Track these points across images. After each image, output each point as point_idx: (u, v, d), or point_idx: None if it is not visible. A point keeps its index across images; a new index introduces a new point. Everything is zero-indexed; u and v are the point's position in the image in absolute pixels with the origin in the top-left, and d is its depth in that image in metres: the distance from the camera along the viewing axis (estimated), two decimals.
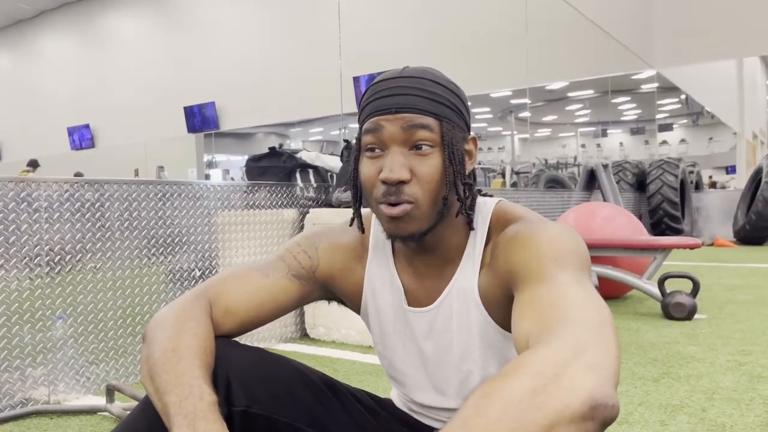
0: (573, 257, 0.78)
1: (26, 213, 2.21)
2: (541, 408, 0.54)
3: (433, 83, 0.86)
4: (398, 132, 0.84)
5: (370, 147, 0.86)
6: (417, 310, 0.94)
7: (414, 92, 0.85)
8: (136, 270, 2.58)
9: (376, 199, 0.85)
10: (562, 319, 0.66)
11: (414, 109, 0.84)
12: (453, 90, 0.89)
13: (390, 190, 0.83)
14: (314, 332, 3.18)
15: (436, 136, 0.84)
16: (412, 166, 0.83)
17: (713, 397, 2.13)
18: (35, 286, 2.24)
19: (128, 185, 2.56)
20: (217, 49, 11.44)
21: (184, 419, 0.69)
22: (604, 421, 0.56)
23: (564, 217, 4.27)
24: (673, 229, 8.48)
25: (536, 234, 0.81)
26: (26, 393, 2.19)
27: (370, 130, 0.85)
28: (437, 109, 0.85)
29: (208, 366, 0.80)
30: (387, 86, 0.86)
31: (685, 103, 15.04)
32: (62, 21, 14.20)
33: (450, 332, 0.92)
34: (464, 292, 0.90)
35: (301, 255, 0.99)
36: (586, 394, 0.55)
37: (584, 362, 0.58)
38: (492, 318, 0.89)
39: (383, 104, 0.85)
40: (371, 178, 0.86)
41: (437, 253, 0.92)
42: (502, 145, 16.12)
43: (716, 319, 3.43)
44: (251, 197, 3.12)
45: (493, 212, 0.92)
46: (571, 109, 15.70)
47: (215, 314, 0.90)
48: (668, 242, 3.65)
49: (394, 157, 0.83)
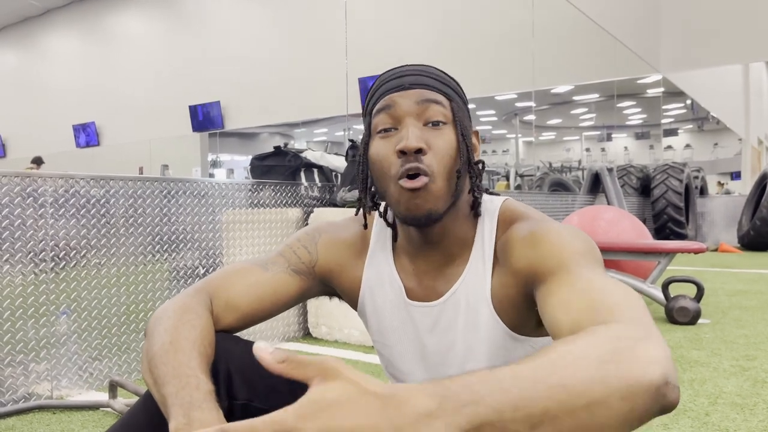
0: (593, 253, 0.79)
1: (32, 208, 2.22)
2: (621, 367, 0.51)
3: (438, 71, 0.91)
4: (413, 106, 0.85)
5: (383, 128, 0.86)
6: (421, 304, 0.93)
7: (423, 73, 0.88)
8: (140, 267, 2.58)
9: (394, 176, 0.84)
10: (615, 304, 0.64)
11: (426, 86, 0.86)
12: (456, 82, 0.93)
13: (408, 159, 0.82)
14: (317, 331, 3.18)
15: (448, 113, 0.86)
16: (427, 139, 0.84)
17: (717, 401, 2.12)
18: (40, 282, 2.24)
19: (133, 182, 2.57)
20: (223, 49, 11.46)
21: (180, 409, 0.69)
22: (669, 404, 0.54)
23: (568, 221, 4.26)
24: (678, 234, 8.46)
25: (553, 231, 0.82)
26: (29, 388, 2.19)
27: (383, 108, 0.86)
28: (445, 89, 0.88)
29: (207, 357, 0.80)
30: (395, 72, 0.89)
31: (690, 108, 15.00)
32: (69, 19, 14.24)
33: (455, 330, 0.91)
34: (474, 290, 0.90)
35: (300, 250, 0.99)
36: (662, 367, 0.52)
37: (654, 341, 0.56)
38: (502, 320, 0.88)
39: (395, 84, 0.87)
40: (387, 156, 0.85)
41: (441, 248, 0.91)
42: (506, 148, 16.11)
43: (720, 323, 3.42)
44: (256, 196, 3.12)
45: (500, 210, 0.92)
46: (576, 112, 15.69)
47: (216, 308, 0.90)
48: (672, 246, 3.64)
49: (410, 129, 0.83)
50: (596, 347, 0.53)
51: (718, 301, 4.17)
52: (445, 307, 0.92)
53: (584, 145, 16.94)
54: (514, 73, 9.11)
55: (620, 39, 8.97)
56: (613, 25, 8.87)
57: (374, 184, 0.91)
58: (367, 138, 0.89)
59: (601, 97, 13.00)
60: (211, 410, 0.70)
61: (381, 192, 0.90)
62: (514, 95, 11.56)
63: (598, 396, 0.49)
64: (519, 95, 11.40)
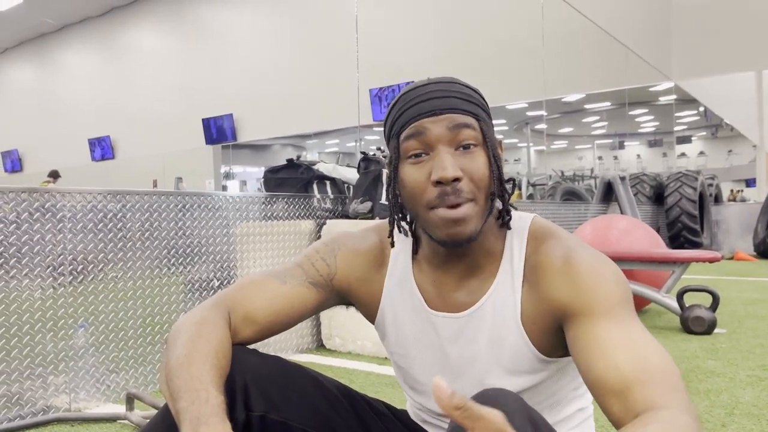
0: (627, 295, 0.82)
1: (51, 223, 2.26)
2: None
3: (463, 86, 0.89)
4: (444, 132, 0.84)
5: (414, 153, 0.86)
6: (445, 315, 0.93)
7: (450, 94, 0.86)
8: (156, 280, 2.61)
9: (428, 204, 0.84)
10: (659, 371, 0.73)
11: (456, 110, 0.85)
12: (480, 94, 0.91)
13: (446, 190, 0.82)
14: (330, 343, 3.19)
15: (478, 135, 0.86)
16: (462, 165, 0.84)
17: (733, 412, 2.11)
18: (58, 295, 2.28)
19: (149, 196, 2.60)
20: (236, 62, 11.59)
21: (189, 424, 0.71)
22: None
23: (581, 230, 4.25)
24: (692, 242, 8.39)
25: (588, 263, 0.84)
26: (48, 400, 2.22)
27: (413, 134, 0.85)
28: (474, 109, 0.87)
29: (220, 369, 0.81)
30: (421, 92, 0.87)
31: (703, 116, 14.91)
32: (84, 35, 14.46)
33: (479, 343, 0.91)
34: (503, 306, 0.90)
35: (319, 262, 1.00)
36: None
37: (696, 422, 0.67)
38: (530, 339, 0.88)
39: (424, 108, 0.85)
40: (420, 183, 0.85)
41: (467, 260, 0.91)
42: (518, 157, 16.09)
43: (736, 333, 3.39)
44: (269, 208, 3.15)
45: (531, 227, 0.93)
46: (588, 121, 15.65)
47: (234, 321, 0.92)
48: (687, 255, 3.62)
49: (443, 156, 0.83)
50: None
51: (733, 310, 4.13)
52: (471, 319, 0.91)
53: (596, 154, 16.88)
54: (525, 82, 9.11)
55: (631, 47, 8.95)
56: (624, 33, 8.85)
57: (404, 205, 0.91)
58: (396, 162, 0.88)
59: (613, 105, 12.97)
60: (217, 424, 0.71)
61: (412, 214, 0.90)
62: (525, 104, 11.56)
63: None
64: (530, 104, 11.40)
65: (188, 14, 12.56)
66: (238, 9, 11.81)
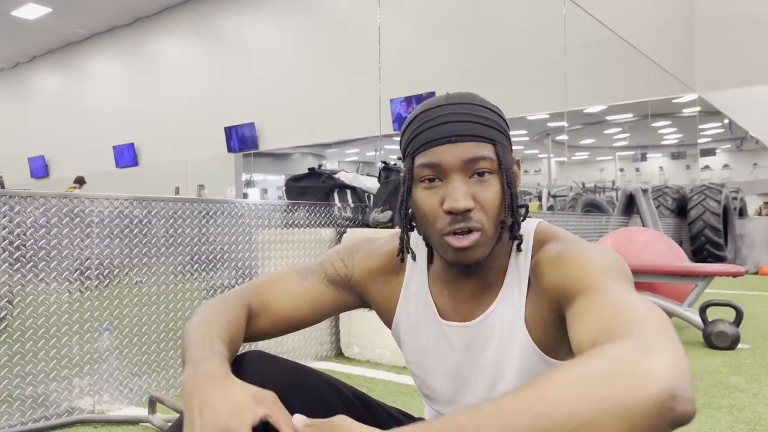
0: (620, 271, 0.79)
1: (79, 228, 2.31)
2: (614, 386, 0.52)
3: (482, 108, 0.87)
4: (458, 162, 0.83)
5: (427, 178, 0.86)
6: (455, 324, 0.95)
7: (467, 118, 0.85)
8: (179, 285, 2.65)
9: (441, 231, 0.85)
10: (630, 320, 0.63)
11: (471, 136, 0.84)
12: (499, 113, 0.89)
13: (456, 219, 0.83)
14: (349, 351, 3.21)
15: (494, 162, 0.85)
16: (474, 194, 0.84)
17: (756, 428, 2.08)
18: (84, 299, 2.32)
19: (173, 203, 2.65)
20: (258, 71, 11.71)
21: (191, 363, 0.76)
22: (681, 417, 0.53)
23: (602, 242, 4.23)
24: (716, 256, 8.27)
25: (582, 251, 0.82)
26: (72, 402, 2.26)
27: (427, 163, 0.85)
28: (491, 134, 0.86)
29: (230, 333, 0.87)
30: (437, 114, 0.86)
31: (728, 128, 14.70)
32: (110, 43, 14.73)
33: (488, 351, 0.92)
34: (509, 312, 0.91)
35: (338, 263, 1.03)
36: (665, 382, 0.52)
37: (662, 355, 0.55)
38: (534, 341, 0.89)
39: (438, 133, 0.85)
40: (433, 209, 0.85)
41: (477, 277, 0.93)
42: (538, 167, 16.00)
43: (760, 349, 3.33)
44: (290, 216, 3.18)
45: (534, 233, 0.93)
46: (610, 132, 15.52)
47: (254, 310, 0.97)
48: (710, 269, 3.57)
49: (456, 185, 0.83)
50: (593, 369, 0.54)
51: (757, 325, 4.06)
52: (480, 328, 0.93)
53: (618, 165, 16.73)
54: (547, 93, 9.07)
55: (654, 59, 8.89)
56: (647, 44, 8.80)
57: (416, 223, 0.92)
58: (410, 183, 0.89)
59: (636, 117, 12.84)
60: (215, 361, 0.76)
61: (424, 234, 0.91)
62: (546, 115, 11.51)
63: (588, 419, 0.51)
64: (551, 115, 11.34)
65: (212, 24, 12.74)
66: (261, 19, 11.96)
